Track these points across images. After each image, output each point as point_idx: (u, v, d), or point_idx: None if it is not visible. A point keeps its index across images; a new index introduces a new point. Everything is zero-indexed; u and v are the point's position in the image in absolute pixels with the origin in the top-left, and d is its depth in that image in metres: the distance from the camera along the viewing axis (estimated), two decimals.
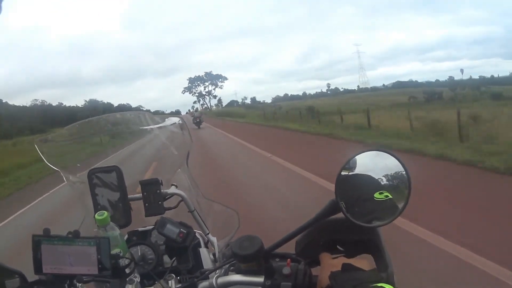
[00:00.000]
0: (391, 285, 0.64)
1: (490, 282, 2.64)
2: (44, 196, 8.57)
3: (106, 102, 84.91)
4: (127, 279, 0.87)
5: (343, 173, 0.79)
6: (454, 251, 3.14)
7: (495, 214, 3.94)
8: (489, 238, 3.31)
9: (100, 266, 0.81)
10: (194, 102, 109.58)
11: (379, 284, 0.65)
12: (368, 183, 0.78)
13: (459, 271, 2.87)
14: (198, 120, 27.40)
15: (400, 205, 0.76)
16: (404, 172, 0.76)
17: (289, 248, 0.90)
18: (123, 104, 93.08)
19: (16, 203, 8.39)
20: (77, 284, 0.82)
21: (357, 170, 0.80)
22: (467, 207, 4.33)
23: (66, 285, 0.82)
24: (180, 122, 1.42)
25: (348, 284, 0.67)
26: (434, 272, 2.86)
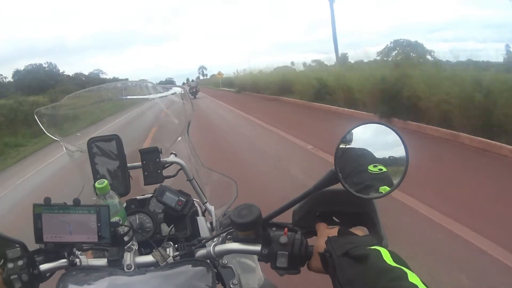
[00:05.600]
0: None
1: None
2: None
3: None
4: (126, 247, 0.88)
5: (341, 146, 0.79)
6: None
7: None
8: None
9: (99, 234, 0.82)
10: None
11: (374, 247, 0.66)
12: (363, 156, 0.79)
13: None
14: (194, 90, 27.51)
15: (396, 180, 0.77)
16: (403, 148, 0.76)
17: (286, 218, 0.91)
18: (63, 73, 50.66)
19: None
20: (76, 252, 0.84)
21: (355, 143, 0.80)
22: None
23: (65, 253, 0.83)
24: (182, 91, 1.41)
25: (344, 247, 0.68)
26: None
